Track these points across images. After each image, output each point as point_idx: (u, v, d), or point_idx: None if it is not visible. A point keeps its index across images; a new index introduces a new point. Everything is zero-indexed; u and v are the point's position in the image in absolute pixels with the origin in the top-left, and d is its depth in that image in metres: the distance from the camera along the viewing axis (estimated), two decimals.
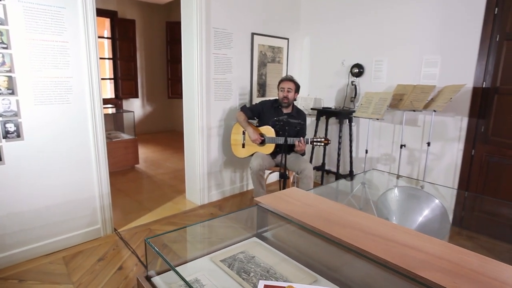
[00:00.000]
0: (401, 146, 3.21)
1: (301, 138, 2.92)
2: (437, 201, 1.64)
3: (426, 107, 2.94)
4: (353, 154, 3.88)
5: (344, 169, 4.02)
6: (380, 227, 1.15)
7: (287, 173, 2.83)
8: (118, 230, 2.89)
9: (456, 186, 3.09)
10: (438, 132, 3.14)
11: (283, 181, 2.78)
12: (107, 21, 6.58)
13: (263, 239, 1.36)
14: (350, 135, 3.79)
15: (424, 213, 1.62)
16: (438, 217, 1.60)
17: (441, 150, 3.17)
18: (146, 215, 3.23)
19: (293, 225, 1.25)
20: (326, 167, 4.20)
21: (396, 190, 1.70)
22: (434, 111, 2.85)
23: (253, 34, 3.71)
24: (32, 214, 2.39)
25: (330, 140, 2.94)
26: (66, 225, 2.57)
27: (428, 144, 3.01)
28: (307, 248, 1.23)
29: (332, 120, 4.07)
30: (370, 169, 2.56)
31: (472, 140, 2.93)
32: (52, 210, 2.48)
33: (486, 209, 2.81)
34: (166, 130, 7.97)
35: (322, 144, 2.90)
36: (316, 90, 4.25)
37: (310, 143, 2.93)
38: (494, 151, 2.81)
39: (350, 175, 3.86)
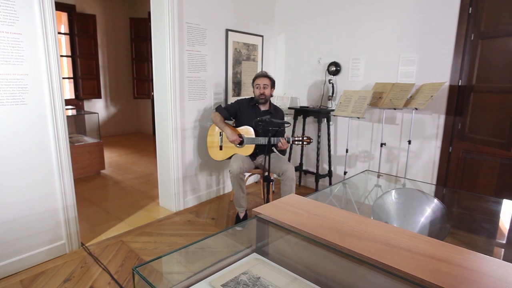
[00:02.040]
0: (381, 144, 3.20)
1: (281, 138, 2.79)
2: (436, 201, 1.58)
3: (405, 105, 2.94)
4: (332, 153, 3.83)
5: (321, 168, 3.97)
6: (398, 236, 1.04)
7: (270, 176, 2.69)
8: (86, 245, 2.61)
9: (434, 183, 3.13)
10: (416, 130, 3.16)
11: (267, 185, 2.64)
12: (64, 16, 6.07)
13: (264, 254, 1.21)
14: (329, 134, 3.74)
15: (425, 215, 1.55)
16: (439, 218, 1.54)
17: (419, 148, 3.19)
18: (116, 226, 2.96)
19: (297, 237, 1.12)
20: (304, 167, 4.13)
21: (394, 193, 1.63)
22: (416, 109, 2.85)
23: (227, 30, 3.54)
24: None
25: (312, 139, 2.85)
26: (24, 243, 2.25)
27: (409, 142, 3.01)
28: (318, 264, 1.10)
29: (309, 119, 4.01)
30: (364, 171, 2.50)
31: (450, 137, 2.97)
32: (7, 227, 2.16)
33: (464, 204, 2.86)
34: (133, 132, 7.55)
35: (304, 143, 2.80)
36: (291, 88, 4.17)
37: (292, 143, 2.82)
38: (470, 148, 2.87)
39: (329, 175, 3.81)
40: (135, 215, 3.18)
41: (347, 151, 3.39)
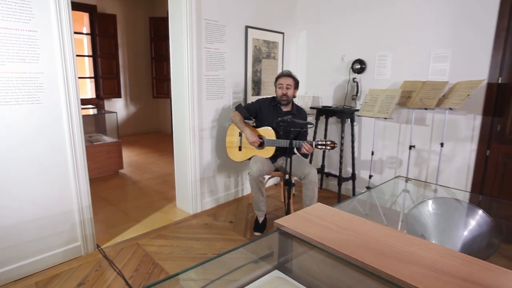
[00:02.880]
0: (410, 147, 2.99)
1: (304, 143, 2.63)
2: (481, 213, 1.40)
3: (438, 104, 2.72)
4: (355, 156, 3.64)
5: (344, 171, 3.78)
6: (447, 260, 0.89)
7: (292, 179, 2.54)
8: (102, 247, 2.55)
9: (469, 189, 2.90)
10: (449, 132, 2.94)
11: (288, 189, 2.50)
12: (85, 16, 6.14)
13: (287, 272, 1.07)
14: (352, 135, 3.56)
15: (469, 229, 1.38)
16: (486, 233, 1.36)
17: (452, 151, 2.97)
18: (132, 228, 2.90)
19: (324, 254, 0.98)
20: (326, 170, 3.96)
21: (431, 203, 1.46)
22: (450, 108, 2.63)
23: (247, 27, 3.42)
24: None
25: (336, 144, 2.68)
26: (40, 245, 2.21)
27: (442, 144, 2.80)
28: (348, 284, 0.96)
29: (332, 119, 3.83)
30: (396, 177, 2.33)
31: (487, 140, 2.74)
32: (22, 227, 2.12)
33: (504, 214, 2.62)
34: (152, 131, 7.57)
35: (328, 147, 2.63)
36: (313, 88, 4.00)
37: (315, 147, 2.66)
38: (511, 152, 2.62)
39: (353, 178, 3.62)
40: (151, 217, 3.12)
41: (372, 153, 3.20)
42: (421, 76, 3.07)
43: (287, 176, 2.53)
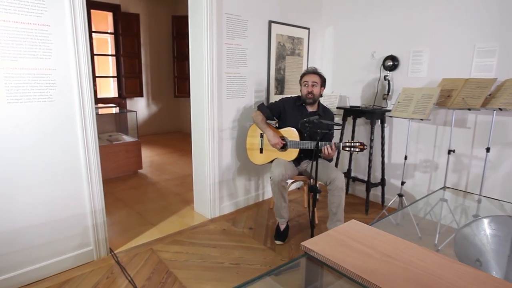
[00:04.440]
0: (449, 151, 2.70)
1: (331, 143, 2.42)
2: None
3: (484, 104, 2.43)
4: (385, 160, 3.37)
5: (373, 176, 3.51)
6: None
7: (317, 186, 2.33)
8: (115, 252, 2.44)
9: None
10: (494, 135, 2.63)
11: (313, 196, 2.29)
12: (109, 16, 6.16)
13: None
14: (383, 138, 3.29)
15: None
16: None
17: (497, 157, 2.65)
18: (148, 232, 2.78)
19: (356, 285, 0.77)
20: (352, 174, 3.71)
21: (488, 222, 1.21)
22: (500, 109, 2.33)
23: (270, 22, 3.23)
24: (8, 236, 1.94)
25: (366, 145, 2.44)
26: (51, 249, 2.12)
27: (487, 149, 2.49)
28: None
29: (360, 121, 3.57)
30: (442, 188, 2.07)
31: None
32: (33, 231, 2.03)
33: None
34: (173, 131, 7.53)
35: (357, 150, 2.40)
36: (340, 86, 3.75)
37: (342, 149, 2.44)
38: None
39: (382, 184, 3.36)
40: (168, 220, 2.99)
41: (405, 158, 2.92)
42: (463, 73, 2.77)
43: (311, 181, 2.33)
